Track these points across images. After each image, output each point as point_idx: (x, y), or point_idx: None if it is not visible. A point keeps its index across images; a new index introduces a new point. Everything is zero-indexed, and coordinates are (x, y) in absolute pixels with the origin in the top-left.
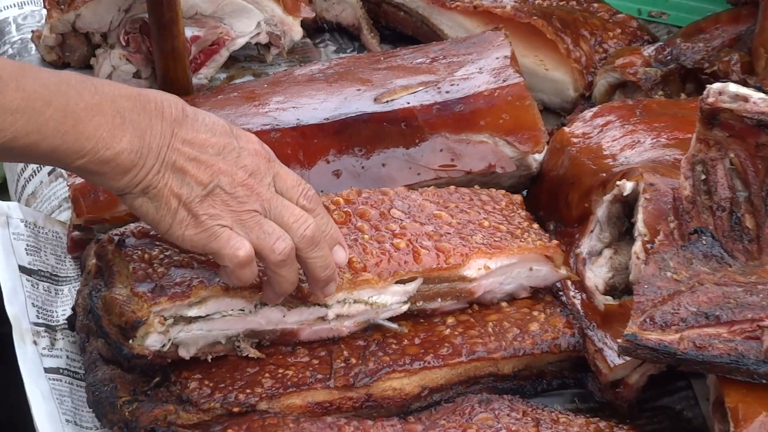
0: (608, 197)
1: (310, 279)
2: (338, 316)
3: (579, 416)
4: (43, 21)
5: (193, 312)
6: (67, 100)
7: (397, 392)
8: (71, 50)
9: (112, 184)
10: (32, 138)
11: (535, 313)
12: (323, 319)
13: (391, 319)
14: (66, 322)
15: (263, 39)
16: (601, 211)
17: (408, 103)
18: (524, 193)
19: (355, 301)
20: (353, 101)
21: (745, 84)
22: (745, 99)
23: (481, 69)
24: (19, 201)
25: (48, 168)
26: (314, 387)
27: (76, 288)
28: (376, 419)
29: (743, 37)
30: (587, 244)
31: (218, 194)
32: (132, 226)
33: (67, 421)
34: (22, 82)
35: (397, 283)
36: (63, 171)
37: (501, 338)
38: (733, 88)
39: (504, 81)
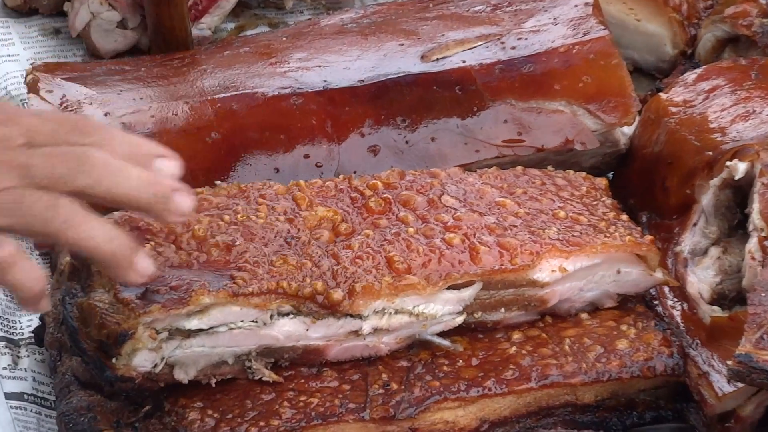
0: (716, 182)
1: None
2: (376, 330)
3: None
4: None
5: (192, 324)
6: None
7: (449, 426)
8: None
9: None
10: None
11: (624, 328)
12: (357, 333)
13: (442, 335)
14: (32, 335)
15: None
16: (706, 199)
17: (464, 61)
18: (610, 175)
19: (396, 312)
20: (394, 59)
21: None
22: None
23: (557, 19)
24: None
25: None
26: (345, 419)
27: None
28: None
29: None
30: (689, 240)
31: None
32: (116, 215)
33: None
34: None
35: (449, 288)
36: None
37: (581, 359)
38: None
39: (585, 35)
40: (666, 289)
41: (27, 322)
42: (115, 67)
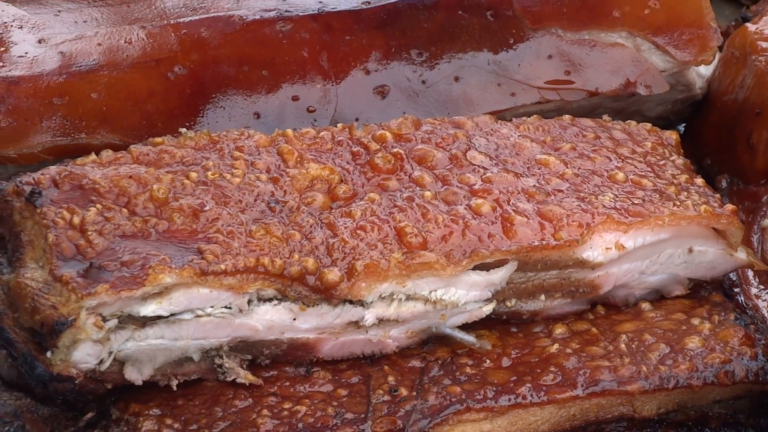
0: None
1: None
2: (381, 321)
3: None
4: None
5: (149, 309)
6: None
7: None
8: None
9: None
10: None
11: (696, 322)
12: (357, 325)
13: (465, 328)
14: None
15: None
16: None
17: None
18: (681, 128)
19: (408, 297)
20: None
21: None
22: None
23: None
24: None
25: None
26: None
27: None
28: None
29: None
30: None
31: None
32: (53, 169)
33: None
34: None
35: (475, 269)
36: None
37: (640, 361)
38: None
39: None
40: (750, 273)
41: None
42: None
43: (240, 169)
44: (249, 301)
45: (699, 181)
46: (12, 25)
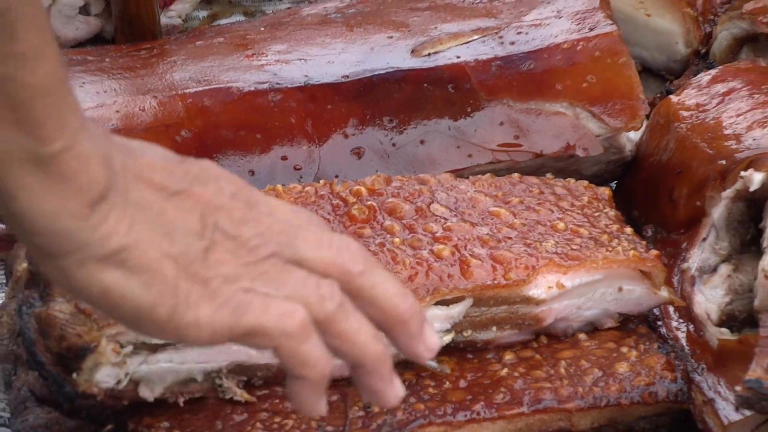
0: (728, 193)
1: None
2: None
3: None
4: None
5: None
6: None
7: None
8: None
9: (72, 207)
10: None
11: (624, 350)
12: None
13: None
14: None
15: None
16: (717, 213)
17: (458, 57)
18: (613, 185)
19: None
20: (382, 53)
21: None
22: None
23: (560, 12)
24: None
25: None
26: None
27: (0, 301)
28: None
29: None
30: (698, 256)
31: (221, 242)
32: None
33: None
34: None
35: (437, 304)
36: None
37: (577, 383)
38: None
39: (590, 30)
40: (671, 309)
41: None
42: (76, 58)
43: None
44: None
45: (628, 230)
46: None
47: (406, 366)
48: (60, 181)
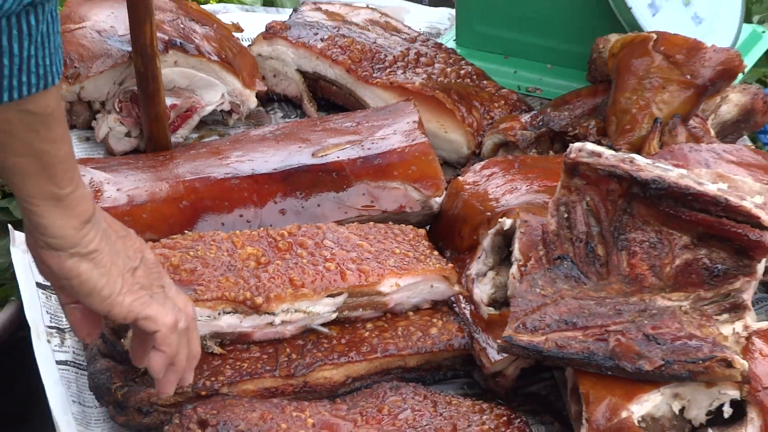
0: (492, 231)
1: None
2: (283, 322)
3: (467, 399)
4: None
5: None
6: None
7: (327, 380)
8: (77, 115)
9: (73, 224)
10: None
11: (435, 320)
12: (271, 324)
13: (323, 325)
14: None
15: (226, 107)
16: (486, 242)
17: (338, 157)
18: (427, 228)
19: (296, 311)
20: (296, 155)
21: (599, 144)
22: (599, 155)
23: (395, 131)
24: None
25: None
26: (264, 376)
27: None
28: (311, 401)
29: (599, 107)
30: (475, 267)
31: (142, 267)
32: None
33: (73, 401)
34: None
35: (328, 296)
36: None
37: (408, 339)
38: (590, 146)
39: (413, 140)
40: (461, 297)
41: None
42: (123, 161)
43: (213, 250)
44: (218, 314)
45: (435, 253)
46: (104, 183)
47: (311, 331)
48: (67, 209)
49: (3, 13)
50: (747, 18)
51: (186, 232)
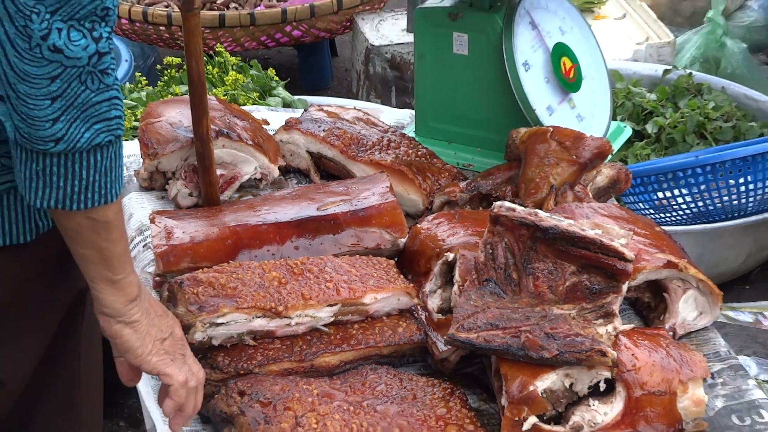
0: (440, 262)
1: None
2: (297, 323)
3: (423, 377)
4: (140, 165)
5: (219, 321)
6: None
7: (327, 364)
8: (155, 181)
9: (121, 300)
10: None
11: (401, 323)
12: (288, 325)
13: (324, 325)
14: None
15: (258, 176)
16: (436, 269)
17: (334, 210)
18: (395, 259)
19: (305, 316)
20: (305, 209)
21: (513, 202)
22: (513, 210)
23: (374, 193)
24: None
25: (141, 243)
26: (283, 361)
27: None
28: (316, 378)
29: (513, 177)
30: (429, 286)
31: (170, 339)
32: (185, 275)
33: (152, 378)
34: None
35: (327, 306)
36: (150, 243)
37: (382, 336)
38: (507, 204)
39: (386, 200)
40: (419, 307)
41: None
42: (187, 213)
43: (249, 274)
44: (252, 318)
45: (401, 276)
46: (174, 228)
47: (316, 330)
48: (119, 290)
49: (76, 150)
50: (614, 117)
51: (230, 261)
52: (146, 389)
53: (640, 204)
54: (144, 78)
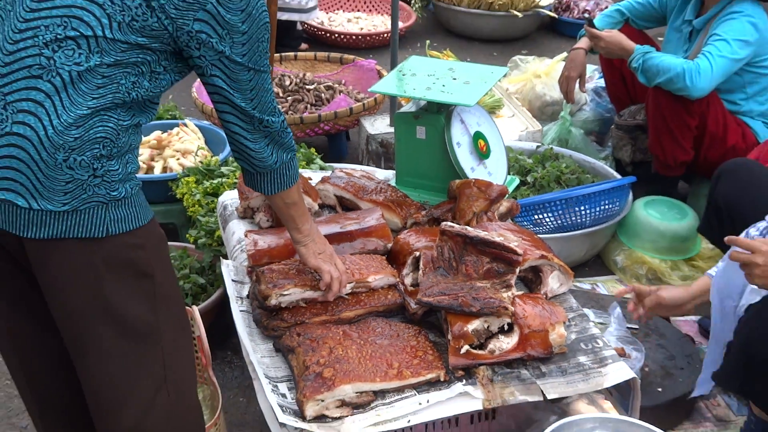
0: (411, 257)
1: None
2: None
3: (403, 323)
4: (239, 204)
5: (285, 293)
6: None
7: (347, 317)
8: (247, 213)
9: (299, 237)
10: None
11: (390, 292)
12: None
13: (346, 294)
14: (247, 295)
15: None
16: (409, 261)
17: (350, 228)
18: (386, 256)
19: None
20: (334, 228)
21: (453, 222)
22: (453, 227)
23: (373, 218)
24: (230, 258)
25: (239, 249)
26: (322, 315)
27: (248, 286)
28: (341, 325)
29: (452, 208)
30: (405, 271)
31: (323, 254)
32: (265, 267)
33: (247, 327)
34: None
35: (349, 284)
36: (244, 249)
37: (379, 300)
38: (449, 223)
39: (379, 222)
40: (400, 283)
41: (245, 292)
42: (266, 231)
43: (301, 266)
44: (304, 291)
45: (389, 266)
46: (258, 239)
47: (341, 297)
48: (300, 233)
49: (276, 167)
50: (508, 173)
51: (290, 258)
52: (242, 328)
53: (525, 222)
54: None
